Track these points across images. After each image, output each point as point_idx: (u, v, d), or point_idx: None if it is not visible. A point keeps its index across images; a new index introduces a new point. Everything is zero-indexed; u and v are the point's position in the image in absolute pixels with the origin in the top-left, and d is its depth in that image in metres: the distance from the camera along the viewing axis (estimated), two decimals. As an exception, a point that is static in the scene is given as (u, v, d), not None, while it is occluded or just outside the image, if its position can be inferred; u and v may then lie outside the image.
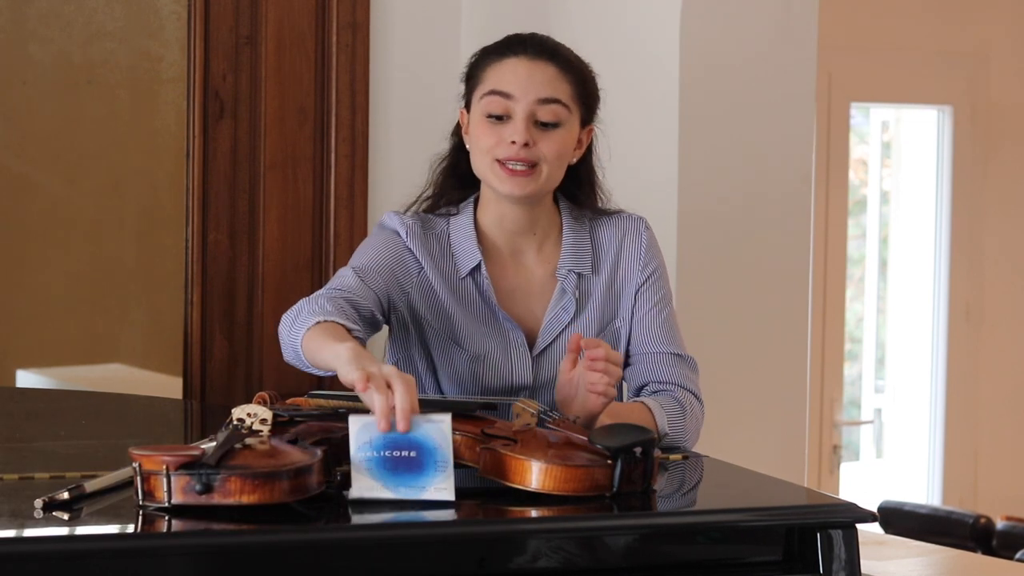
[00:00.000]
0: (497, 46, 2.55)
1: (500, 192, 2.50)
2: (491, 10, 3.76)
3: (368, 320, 2.46)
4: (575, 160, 2.56)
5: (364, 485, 2.04)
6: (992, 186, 6.23)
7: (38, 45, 3.51)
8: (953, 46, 6.10)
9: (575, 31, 3.62)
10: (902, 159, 6.35)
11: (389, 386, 2.04)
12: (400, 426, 2.03)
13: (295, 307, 2.40)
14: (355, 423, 2.06)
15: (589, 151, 2.61)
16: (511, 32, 2.61)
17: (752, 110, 3.53)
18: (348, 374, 2.13)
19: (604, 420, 2.33)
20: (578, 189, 2.62)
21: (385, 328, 2.58)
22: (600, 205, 2.64)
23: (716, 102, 3.49)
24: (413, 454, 2.05)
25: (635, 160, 3.50)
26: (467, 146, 2.56)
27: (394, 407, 2.02)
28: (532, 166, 2.48)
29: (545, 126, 2.48)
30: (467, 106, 2.56)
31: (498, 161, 2.47)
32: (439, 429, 2.06)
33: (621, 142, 3.49)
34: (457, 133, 2.62)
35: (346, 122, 3.66)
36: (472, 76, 2.55)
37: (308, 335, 2.33)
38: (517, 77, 2.48)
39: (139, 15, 3.56)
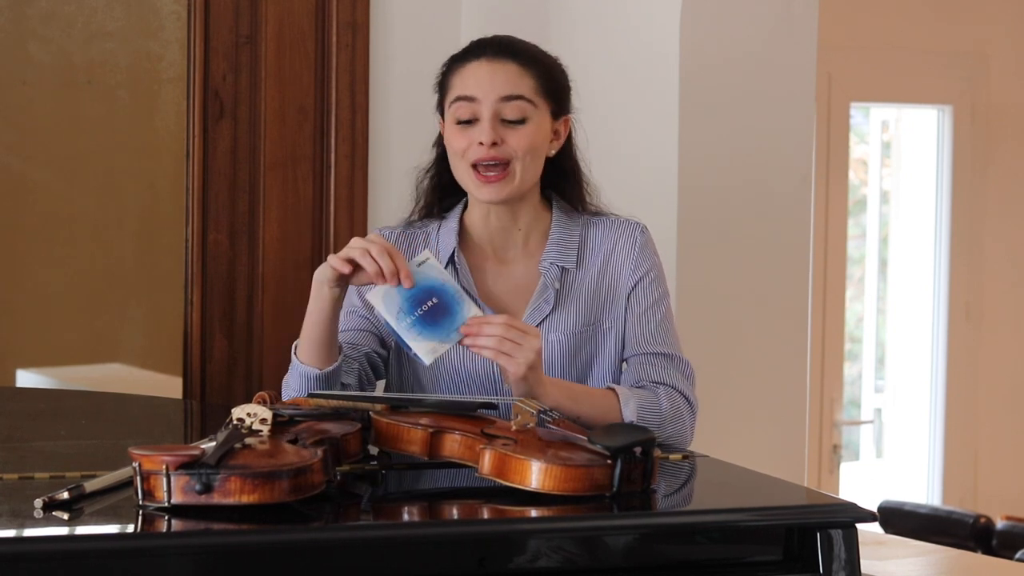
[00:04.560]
0: (461, 52, 2.57)
1: (478, 198, 2.53)
2: (491, 10, 3.76)
3: (375, 350, 2.55)
4: (553, 152, 2.57)
5: (427, 348, 2.28)
6: (992, 186, 6.23)
7: (38, 45, 3.51)
8: (953, 46, 6.10)
9: (575, 31, 3.63)
10: (902, 159, 6.34)
11: (368, 253, 2.29)
12: (406, 284, 2.29)
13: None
14: (376, 299, 2.30)
15: (570, 141, 2.62)
16: (510, 31, 2.61)
17: (752, 110, 3.53)
18: (324, 272, 2.33)
19: (560, 399, 2.35)
20: (564, 181, 2.62)
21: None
22: (587, 195, 2.64)
23: (716, 102, 3.48)
24: (435, 301, 2.30)
25: (635, 159, 3.50)
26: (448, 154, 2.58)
27: (392, 271, 2.28)
28: (504, 166, 2.48)
29: (512, 123, 2.49)
30: (442, 115, 2.59)
31: (473, 167, 2.49)
32: (432, 266, 2.32)
33: (621, 142, 3.50)
34: (439, 144, 2.63)
35: (346, 122, 3.66)
36: (442, 85, 2.58)
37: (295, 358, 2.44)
38: (479, 79, 2.50)
39: (139, 15, 3.56)
